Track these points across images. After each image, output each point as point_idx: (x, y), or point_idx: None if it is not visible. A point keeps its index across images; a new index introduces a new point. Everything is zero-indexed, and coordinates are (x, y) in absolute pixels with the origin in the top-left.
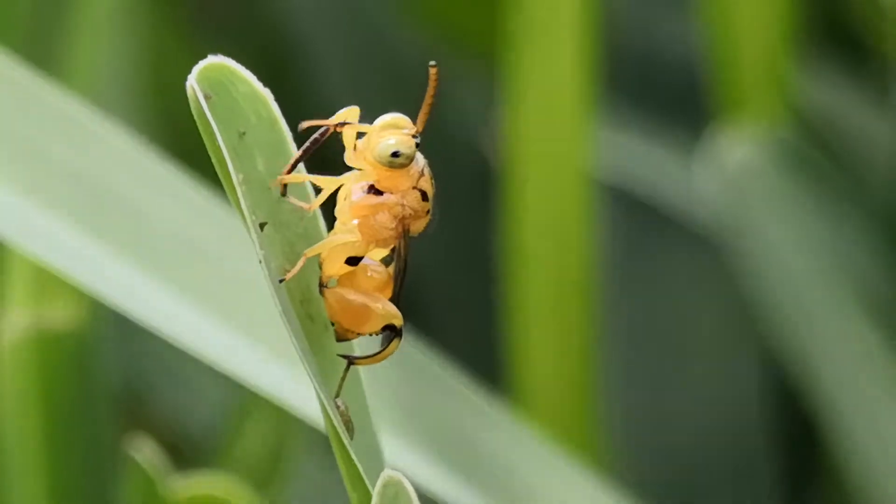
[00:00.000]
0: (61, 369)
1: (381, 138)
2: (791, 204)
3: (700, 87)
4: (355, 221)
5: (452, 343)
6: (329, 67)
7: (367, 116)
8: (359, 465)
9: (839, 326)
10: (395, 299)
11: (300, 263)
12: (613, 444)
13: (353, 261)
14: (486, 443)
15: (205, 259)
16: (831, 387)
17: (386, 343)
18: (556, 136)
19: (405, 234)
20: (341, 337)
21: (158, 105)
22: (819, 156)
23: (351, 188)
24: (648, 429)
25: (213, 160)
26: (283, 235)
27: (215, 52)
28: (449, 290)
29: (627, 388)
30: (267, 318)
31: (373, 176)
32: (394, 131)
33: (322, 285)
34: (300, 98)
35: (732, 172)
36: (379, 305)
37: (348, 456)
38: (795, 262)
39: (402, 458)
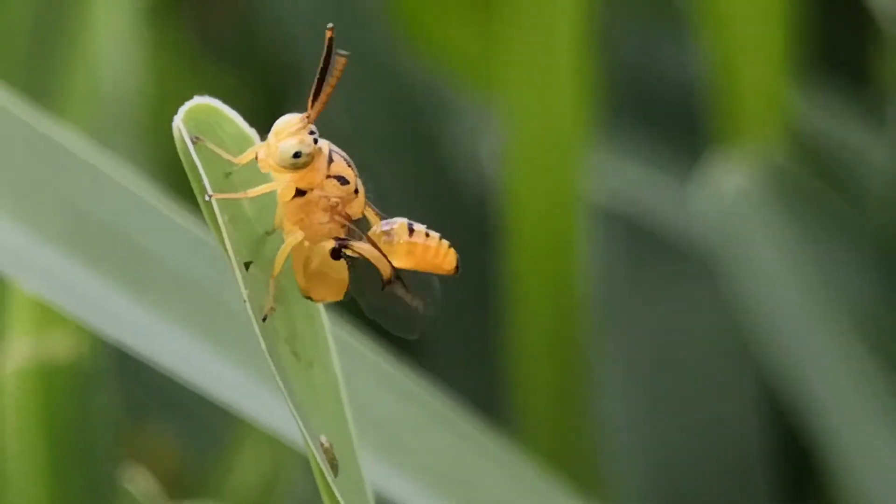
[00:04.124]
0: (63, 399)
1: (278, 145)
2: (787, 229)
3: (698, 112)
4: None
5: (448, 368)
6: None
7: (369, 141)
8: (342, 503)
9: (835, 351)
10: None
11: (272, 287)
12: (610, 470)
13: None
14: (480, 471)
15: (203, 292)
16: (827, 411)
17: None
18: (554, 161)
19: (351, 219)
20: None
21: (159, 131)
22: (816, 181)
23: (282, 200)
24: (645, 453)
25: (199, 200)
26: (268, 274)
27: (216, 77)
28: (446, 317)
29: (624, 412)
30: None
31: (291, 180)
32: (287, 134)
33: (309, 298)
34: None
35: (729, 197)
36: (314, 259)
37: (332, 493)
38: (791, 286)
39: (393, 486)
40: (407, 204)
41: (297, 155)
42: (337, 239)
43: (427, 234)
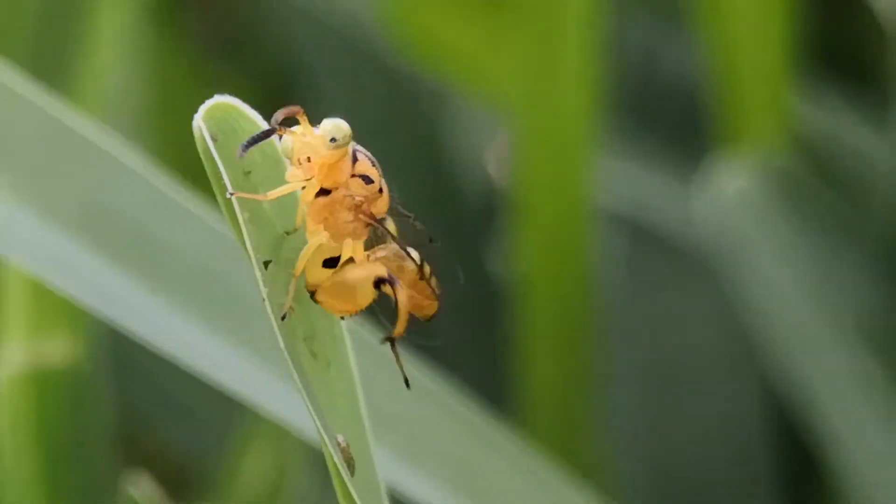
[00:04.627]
0: (58, 404)
1: (318, 135)
2: (790, 231)
3: (701, 115)
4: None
5: (458, 370)
6: (331, 94)
7: (372, 144)
8: (359, 502)
9: (838, 353)
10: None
11: (293, 285)
12: (617, 470)
13: (330, 263)
14: (491, 468)
15: (215, 281)
16: (830, 413)
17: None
18: (561, 164)
19: (375, 218)
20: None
21: (162, 133)
22: (818, 183)
23: (305, 200)
24: (651, 454)
25: (219, 199)
26: (287, 273)
27: (220, 76)
28: (455, 318)
29: (629, 413)
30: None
31: (314, 179)
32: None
33: (312, 294)
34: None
35: (732, 200)
36: (354, 270)
37: (348, 493)
38: (794, 288)
39: (408, 485)
40: (411, 208)
41: (333, 140)
42: (390, 274)
43: (432, 277)
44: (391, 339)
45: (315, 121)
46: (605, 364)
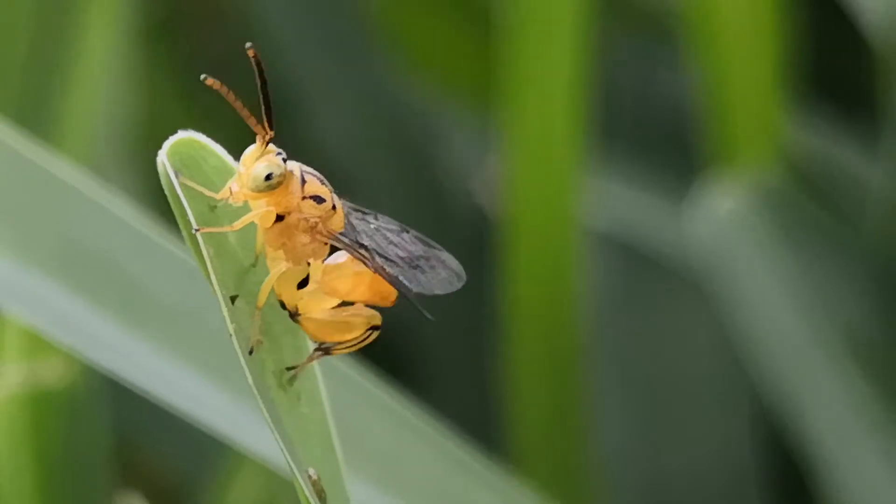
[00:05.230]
0: (55, 425)
1: (249, 172)
2: (781, 251)
3: (692, 136)
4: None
5: (444, 392)
6: (325, 115)
7: (367, 161)
8: None
9: (829, 372)
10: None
11: (257, 318)
12: (605, 492)
13: (302, 283)
14: (473, 498)
15: (194, 320)
16: (820, 429)
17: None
18: (550, 185)
19: (333, 235)
20: (329, 351)
21: (153, 155)
22: (809, 203)
23: (262, 228)
24: (640, 473)
25: (184, 234)
26: (254, 306)
27: (209, 99)
28: (442, 340)
29: (619, 433)
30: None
31: (267, 205)
32: (255, 160)
33: (293, 315)
34: (296, 145)
35: (723, 220)
36: (354, 313)
37: None
38: (785, 308)
39: None
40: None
41: (269, 177)
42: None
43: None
44: (328, 351)
45: (308, 146)
46: (596, 384)
